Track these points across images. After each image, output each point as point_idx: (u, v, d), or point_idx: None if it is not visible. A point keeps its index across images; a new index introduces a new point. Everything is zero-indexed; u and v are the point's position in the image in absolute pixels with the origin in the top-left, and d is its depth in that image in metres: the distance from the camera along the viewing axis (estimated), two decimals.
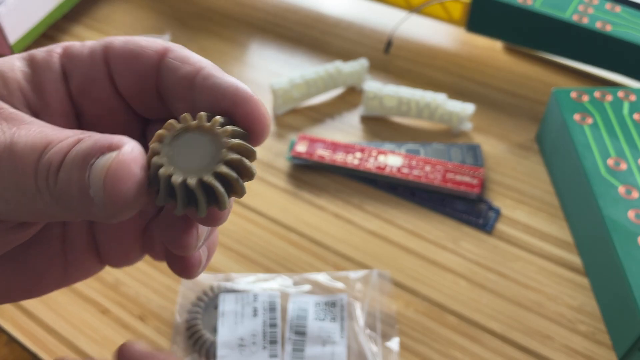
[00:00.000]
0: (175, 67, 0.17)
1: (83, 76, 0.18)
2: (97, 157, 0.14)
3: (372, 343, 0.33)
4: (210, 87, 0.17)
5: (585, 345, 0.33)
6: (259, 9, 0.56)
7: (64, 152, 0.15)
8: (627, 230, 0.33)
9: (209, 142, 0.15)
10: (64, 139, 0.15)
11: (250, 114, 0.16)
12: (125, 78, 0.18)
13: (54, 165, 0.15)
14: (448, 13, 0.50)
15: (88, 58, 0.18)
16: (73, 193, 0.14)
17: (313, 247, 0.38)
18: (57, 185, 0.15)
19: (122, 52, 0.18)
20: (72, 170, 0.14)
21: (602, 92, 0.41)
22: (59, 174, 0.15)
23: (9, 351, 0.34)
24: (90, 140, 0.15)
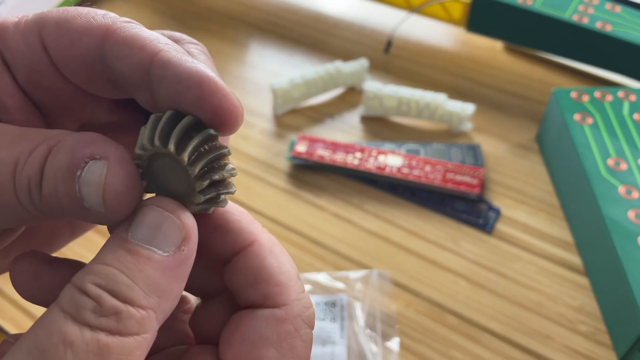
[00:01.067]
0: (123, 54, 0.15)
1: (26, 68, 0.16)
2: (82, 169, 0.14)
3: (372, 343, 0.33)
4: (171, 79, 0.15)
5: (586, 345, 0.33)
6: (259, 9, 0.56)
7: (39, 164, 0.14)
8: (627, 230, 0.33)
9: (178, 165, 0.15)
10: (32, 149, 0.14)
11: (219, 107, 0.15)
12: (70, 69, 0.16)
13: (33, 180, 0.14)
14: (448, 13, 0.50)
15: (25, 47, 0.16)
16: (64, 204, 0.14)
17: (313, 247, 0.38)
18: (43, 199, 0.14)
19: (59, 39, 0.16)
20: (56, 183, 0.14)
21: (602, 92, 0.41)
22: (42, 189, 0.14)
23: None
24: (64, 148, 0.14)
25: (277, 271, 0.16)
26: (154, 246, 0.14)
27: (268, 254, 0.16)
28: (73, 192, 0.14)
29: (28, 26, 0.16)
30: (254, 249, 0.16)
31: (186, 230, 0.14)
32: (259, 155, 0.43)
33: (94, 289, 0.13)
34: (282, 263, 0.16)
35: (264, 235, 0.17)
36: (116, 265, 0.13)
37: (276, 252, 0.17)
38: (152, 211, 0.14)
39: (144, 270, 0.14)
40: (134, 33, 0.15)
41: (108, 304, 0.13)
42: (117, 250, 0.14)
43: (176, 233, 0.14)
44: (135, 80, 0.15)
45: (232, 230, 0.16)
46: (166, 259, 0.14)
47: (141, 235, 0.14)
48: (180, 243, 0.14)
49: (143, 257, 0.14)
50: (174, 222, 0.14)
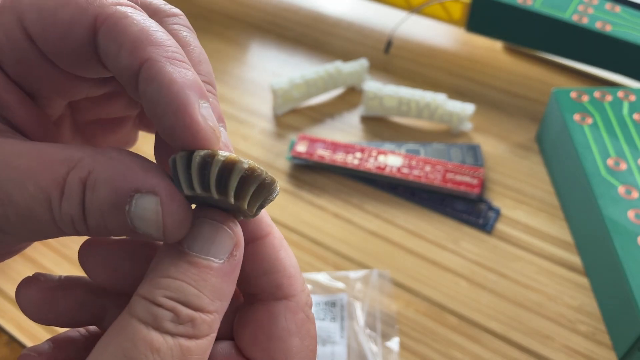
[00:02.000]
0: (112, 52, 0.15)
1: (15, 62, 0.16)
2: (129, 203, 0.14)
3: (372, 343, 0.33)
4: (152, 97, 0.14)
5: (585, 345, 0.33)
6: (259, 9, 0.56)
7: (79, 202, 0.14)
8: (627, 230, 0.33)
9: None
10: (62, 182, 0.14)
11: (190, 140, 0.14)
12: (61, 59, 0.16)
13: (76, 217, 0.15)
14: (448, 13, 0.50)
15: (8, 42, 0.16)
16: (114, 233, 0.15)
17: (313, 247, 0.38)
18: (90, 229, 0.15)
19: (45, 31, 0.15)
20: (105, 219, 0.15)
21: (602, 92, 0.41)
22: (88, 222, 0.15)
23: (9, 351, 0.34)
24: (104, 185, 0.14)
25: (288, 263, 0.17)
26: (212, 256, 0.15)
27: (281, 247, 0.17)
28: (125, 224, 0.15)
29: (4, 16, 0.15)
30: (270, 240, 0.17)
31: (237, 238, 0.16)
32: (259, 155, 0.43)
33: (168, 302, 0.14)
34: (291, 257, 0.17)
35: (276, 228, 0.18)
36: (182, 277, 0.15)
37: (286, 247, 0.17)
38: (206, 224, 0.15)
39: (207, 280, 0.15)
40: (125, 25, 0.15)
41: (183, 313, 0.14)
42: (179, 263, 0.15)
43: (229, 242, 0.15)
44: (124, 80, 0.15)
45: (253, 219, 0.17)
46: (223, 266, 0.15)
47: (198, 247, 0.15)
48: (232, 250, 0.15)
49: (204, 267, 0.15)
50: (226, 232, 0.15)
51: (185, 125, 0.14)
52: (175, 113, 0.14)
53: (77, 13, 0.15)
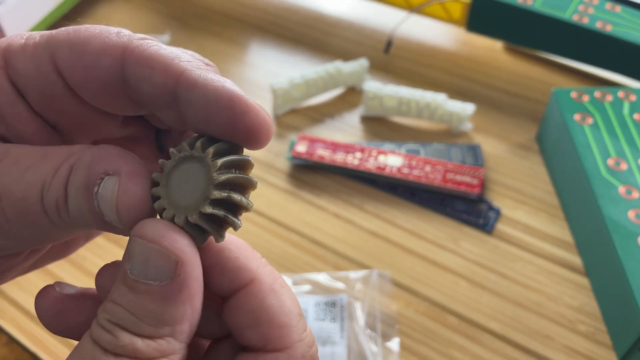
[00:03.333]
0: (145, 75, 0.15)
1: (40, 93, 0.16)
2: (98, 186, 0.14)
3: (372, 343, 0.33)
4: (199, 101, 0.14)
5: (586, 345, 0.33)
6: (259, 9, 0.56)
7: (63, 184, 0.15)
8: (627, 230, 0.33)
9: (203, 174, 0.15)
10: (56, 169, 0.15)
11: (252, 127, 0.15)
12: (88, 91, 0.16)
13: (60, 200, 0.15)
14: (448, 13, 0.50)
15: (37, 73, 0.16)
16: (88, 219, 0.15)
17: (313, 247, 0.38)
18: (71, 215, 0.15)
19: (74, 64, 0.15)
20: (79, 201, 0.15)
21: (602, 92, 0.41)
22: (69, 205, 0.15)
23: (9, 351, 0.34)
24: (82, 167, 0.15)
25: (277, 311, 0.15)
26: (150, 279, 0.14)
27: (268, 292, 0.15)
28: (93, 207, 0.14)
29: (38, 50, 0.16)
30: (253, 288, 0.15)
31: (176, 255, 0.14)
32: (259, 155, 0.43)
33: (108, 325, 0.14)
34: (283, 302, 0.16)
35: (264, 270, 0.16)
36: (121, 302, 0.14)
37: (277, 289, 0.16)
38: (137, 243, 0.14)
39: (146, 306, 0.14)
40: (154, 52, 0.15)
41: (123, 338, 0.14)
42: (121, 287, 0.14)
43: (165, 261, 0.14)
44: (160, 101, 0.15)
45: (230, 268, 0.16)
46: (164, 288, 0.14)
47: (136, 270, 0.14)
48: (174, 269, 0.14)
49: (142, 292, 0.14)
50: (160, 252, 0.14)
51: (243, 111, 0.14)
52: (229, 105, 0.14)
53: (106, 44, 0.15)
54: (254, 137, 0.15)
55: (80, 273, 0.36)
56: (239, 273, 0.15)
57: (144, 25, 0.54)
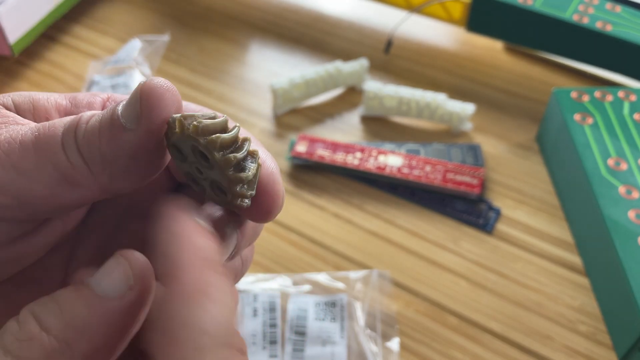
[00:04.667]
0: None
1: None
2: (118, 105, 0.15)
3: (372, 343, 0.33)
4: None
5: (586, 345, 0.33)
6: (259, 9, 0.56)
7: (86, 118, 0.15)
8: (628, 230, 0.33)
9: None
10: None
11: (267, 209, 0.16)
12: None
13: (82, 119, 0.15)
14: (448, 13, 0.50)
15: None
16: (103, 131, 0.15)
17: (313, 247, 0.38)
18: (85, 133, 0.15)
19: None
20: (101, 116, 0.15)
21: (603, 92, 0.41)
22: (87, 125, 0.15)
23: None
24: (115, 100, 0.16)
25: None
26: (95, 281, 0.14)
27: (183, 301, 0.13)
28: (115, 113, 0.15)
29: None
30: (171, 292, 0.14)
31: (136, 270, 0.14)
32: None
33: (25, 314, 0.13)
34: None
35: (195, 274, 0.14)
36: (57, 294, 0.14)
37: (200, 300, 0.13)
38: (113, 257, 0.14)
39: (75, 306, 0.13)
40: None
41: (26, 327, 0.13)
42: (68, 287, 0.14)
43: (123, 279, 0.14)
44: None
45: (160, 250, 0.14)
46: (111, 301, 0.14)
47: (95, 278, 0.14)
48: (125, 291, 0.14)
49: (80, 290, 0.14)
50: (124, 267, 0.14)
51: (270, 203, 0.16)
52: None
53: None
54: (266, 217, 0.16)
55: None
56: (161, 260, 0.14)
57: (143, 25, 0.54)
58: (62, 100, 0.17)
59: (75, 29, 0.54)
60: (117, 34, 0.53)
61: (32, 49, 0.50)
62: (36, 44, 0.50)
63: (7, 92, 0.17)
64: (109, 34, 0.53)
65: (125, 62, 0.48)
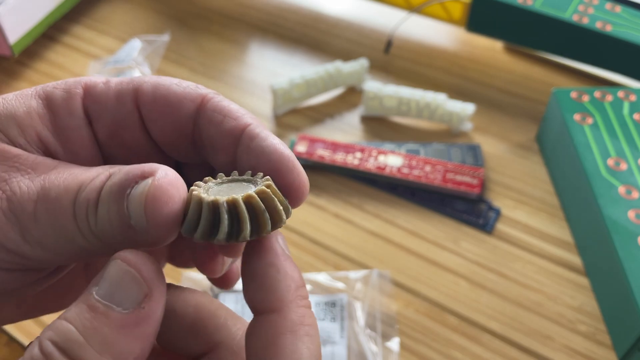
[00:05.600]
0: (217, 120, 0.17)
1: (112, 122, 0.17)
2: (132, 187, 0.14)
3: (372, 343, 0.33)
4: (256, 150, 0.16)
5: (586, 345, 0.33)
6: (259, 9, 0.56)
7: (98, 188, 0.15)
8: (627, 230, 0.33)
9: (246, 185, 0.16)
10: (95, 177, 0.15)
11: (292, 184, 0.16)
12: (161, 127, 0.17)
13: (91, 202, 0.15)
14: (448, 13, 0.50)
15: (115, 102, 0.17)
16: (114, 226, 0.14)
17: (313, 247, 0.38)
18: (98, 222, 0.14)
19: (156, 100, 0.17)
20: (109, 203, 0.14)
21: (602, 92, 0.41)
22: (98, 211, 0.14)
23: (9, 351, 0.34)
24: (121, 172, 0.15)
25: (288, 355, 0.15)
26: (114, 303, 0.13)
27: (288, 332, 0.15)
28: (122, 209, 0.14)
29: (124, 85, 0.17)
30: (275, 320, 0.15)
31: (148, 286, 0.14)
32: None
33: (48, 346, 0.13)
34: (298, 350, 0.15)
35: (297, 308, 0.15)
36: (73, 321, 0.13)
37: (299, 334, 0.15)
38: (115, 265, 0.14)
39: (99, 329, 0.13)
40: (227, 104, 0.17)
41: None
42: (80, 305, 0.13)
43: (135, 289, 0.14)
44: (222, 144, 0.17)
45: (266, 286, 0.15)
46: (124, 317, 0.13)
47: (103, 291, 0.14)
48: (141, 300, 0.14)
49: (100, 313, 0.13)
50: (134, 277, 0.14)
51: (289, 168, 0.16)
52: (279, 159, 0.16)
53: (187, 90, 0.17)
54: (293, 194, 0.16)
55: None
56: (269, 295, 0.15)
57: (144, 25, 0.54)
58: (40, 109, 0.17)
59: (75, 29, 0.54)
60: (117, 34, 0.53)
61: (32, 49, 0.50)
62: (36, 44, 0.50)
63: (7, 92, 0.18)
64: (109, 34, 0.53)
65: (125, 62, 0.48)
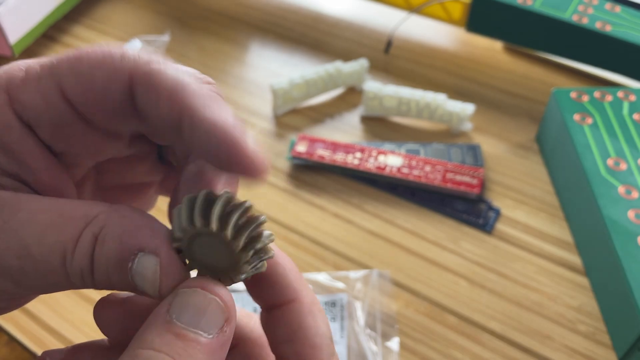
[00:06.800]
0: (151, 103, 0.15)
1: (50, 124, 0.16)
2: (132, 261, 0.15)
3: (372, 343, 0.33)
4: (199, 132, 0.15)
5: (585, 345, 0.33)
6: (259, 9, 0.56)
7: (88, 255, 0.15)
8: (627, 230, 0.33)
9: (225, 249, 0.15)
10: (77, 236, 0.15)
11: (248, 166, 0.15)
12: (99, 117, 0.16)
13: (85, 270, 0.15)
14: (448, 13, 0.50)
15: (45, 104, 0.16)
16: (116, 287, 0.15)
17: (313, 247, 0.38)
18: (96, 282, 0.15)
19: (83, 93, 0.16)
20: (109, 272, 0.15)
21: (602, 92, 0.41)
22: (95, 275, 0.15)
23: (9, 351, 0.34)
24: (113, 240, 0.15)
25: (313, 332, 0.16)
26: (200, 329, 0.14)
27: (307, 314, 0.16)
28: (126, 280, 0.15)
29: (43, 80, 0.16)
30: (295, 307, 0.16)
31: (228, 312, 0.15)
32: None
33: None
34: (318, 325, 0.17)
35: (306, 291, 0.17)
36: (166, 350, 0.14)
37: (315, 312, 0.17)
38: (197, 294, 0.15)
39: (193, 355, 0.14)
40: (158, 80, 0.15)
41: None
42: (165, 335, 0.14)
43: (220, 315, 0.15)
44: (165, 126, 0.16)
45: (278, 283, 0.17)
46: (211, 341, 0.14)
47: (187, 319, 0.14)
48: (223, 324, 0.15)
49: (191, 341, 0.14)
50: (219, 305, 0.15)
51: (241, 153, 0.15)
52: (228, 147, 0.15)
53: (112, 72, 0.15)
54: (247, 171, 0.15)
55: None
56: (285, 290, 0.16)
57: (144, 25, 0.54)
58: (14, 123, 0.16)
59: (75, 29, 0.54)
60: (117, 34, 0.53)
61: (33, 49, 0.50)
62: (36, 44, 0.50)
63: None
64: (109, 34, 0.53)
65: None
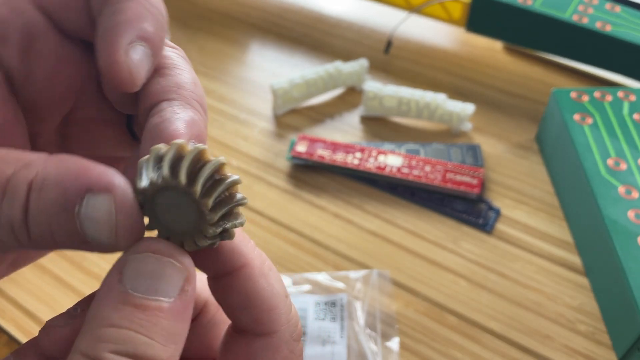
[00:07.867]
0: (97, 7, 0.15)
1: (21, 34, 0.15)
2: (79, 204, 0.13)
3: (372, 343, 0.33)
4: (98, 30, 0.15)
5: (585, 345, 0.33)
6: (259, 9, 0.56)
7: (19, 204, 0.13)
8: (627, 230, 0.33)
9: (192, 207, 0.14)
10: (5, 183, 0.13)
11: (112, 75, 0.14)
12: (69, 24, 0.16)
13: (16, 220, 0.13)
14: (448, 13, 0.50)
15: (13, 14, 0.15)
16: (59, 240, 0.13)
17: (313, 247, 0.38)
18: (32, 237, 0.13)
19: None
20: (50, 222, 0.13)
21: (602, 92, 0.41)
22: (30, 228, 0.13)
23: (9, 351, 0.34)
24: (52, 185, 0.13)
25: (268, 295, 0.15)
26: (159, 295, 0.13)
27: (259, 276, 0.16)
28: (72, 229, 0.13)
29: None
30: (246, 272, 0.15)
31: (187, 271, 0.14)
32: (259, 155, 0.43)
33: (116, 358, 0.12)
34: (272, 285, 0.16)
35: (255, 253, 0.16)
36: (129, 325, 0.13)
37: (266, 273, 0.16)
38: (150, 259, 0.14)
39: (158, 323, 0.13)
40: None
41: None
42: (123, 308, 0.13)
43: (178, 275, 0.14)
44: None
45: (226, 250, 0.15)
46: (174, 304, 0.13)
47: (143, 287, 0.13)
48: (183, 284, 0.14)
49: (153, 309, 0.13)
50: (174, 266, 0.14)
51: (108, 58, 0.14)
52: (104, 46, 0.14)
53: None
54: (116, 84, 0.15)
55: (80, 272, 0.36)
56: (234, 257, 0.15)
57: None
58: None
59: None
60: None
61: None
62: None
63: None
64: None
65: None
